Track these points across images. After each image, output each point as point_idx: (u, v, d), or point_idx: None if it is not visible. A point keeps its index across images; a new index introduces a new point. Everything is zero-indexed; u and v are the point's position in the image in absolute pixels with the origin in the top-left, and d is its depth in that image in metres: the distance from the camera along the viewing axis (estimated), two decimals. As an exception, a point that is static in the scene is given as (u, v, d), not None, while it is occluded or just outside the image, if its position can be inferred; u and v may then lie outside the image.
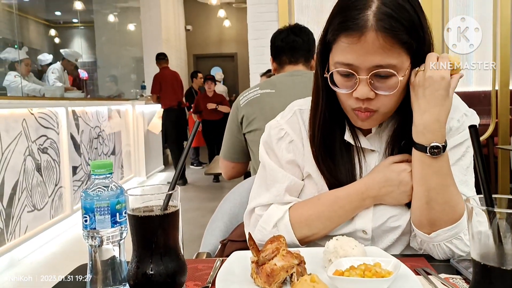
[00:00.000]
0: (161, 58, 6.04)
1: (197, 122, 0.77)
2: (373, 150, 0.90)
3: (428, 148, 0.79)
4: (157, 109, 6.33)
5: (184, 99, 6.36)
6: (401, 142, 0.87)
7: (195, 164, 7.24)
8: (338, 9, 0.80)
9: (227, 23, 10.42)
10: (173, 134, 5.98)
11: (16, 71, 4.77)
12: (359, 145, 0.90)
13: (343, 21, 0.77)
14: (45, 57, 4.45)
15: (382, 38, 0.74)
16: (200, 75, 7.09)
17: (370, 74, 0.77)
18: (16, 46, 5.33)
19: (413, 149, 0.82)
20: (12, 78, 4.65)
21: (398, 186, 0.85)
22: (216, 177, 5.73)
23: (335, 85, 0.82)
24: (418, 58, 0.79)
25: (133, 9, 8.19)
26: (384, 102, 0.81)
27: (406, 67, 0.78)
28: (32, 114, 3.37)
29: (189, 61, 10.58)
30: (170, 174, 6.71)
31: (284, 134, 0.95)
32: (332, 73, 0.82)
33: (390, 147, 0.89)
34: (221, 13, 10.06)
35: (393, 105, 0.83)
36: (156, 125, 6.07)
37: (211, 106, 6.20)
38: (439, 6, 3.51)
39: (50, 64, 4.74)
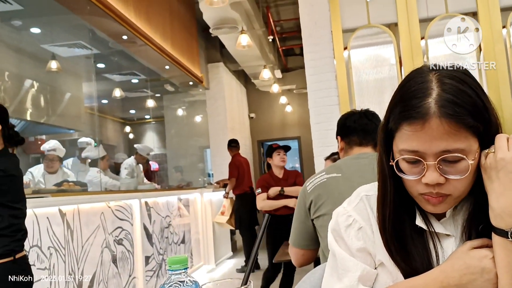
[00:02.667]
0: (234, 145, 6.26)
1: (267, 215, 0.79)
2: (448, 235, 0.86)
3: (509, 233, 0.75)
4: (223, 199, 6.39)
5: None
6: (479, 226, 0.83)
7: None
8: (398, 98, 0.82)
9: (289, 108, 10.75)
10: (246, 220, 5.98)
11: (97, 167, 5.15)
12: (433, 230, 0.87)
13: (405, 110, 0.78)
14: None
15: (447, 124, 0.74)
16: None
17: (438, 160, 0.76)
18: (95, 144, 5.80)
19: (493, 234, 0.78)
20: (95, 174, 5.01)
21: (481, 273, 0.79)
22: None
23: (402, 172, 0.82)
24: (486, 140, 0.78)
25: (200, 102, 8.72)
26: (456, 186, 0.79)
27: (475, 150, 0.77)
28: (109, 207, 3.56)
29: (253, 147, 10.89)
30: (238, 261, 6.64)
31: (352, 221, 0.94)
32: (397, 161, 0.82)
33: (467, 232, 0.85)
34: (283, 99, 10.44)
35: (465, 188, 0.80)
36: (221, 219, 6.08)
37: (273, 190, 4.09)
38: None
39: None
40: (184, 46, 6.87)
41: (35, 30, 5.86)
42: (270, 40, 8.38)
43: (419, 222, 0.86)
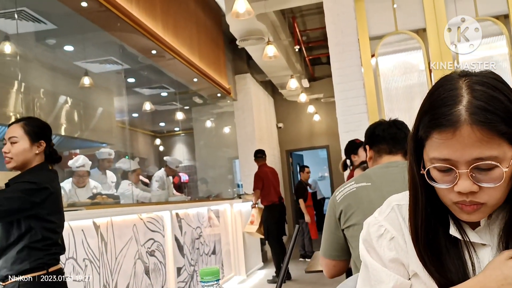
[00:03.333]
0: (260, 156, 6.28)
1: (297, 226, 0.79)
2: (484, 245, 0.84)
3: (547, 242, 0.73)
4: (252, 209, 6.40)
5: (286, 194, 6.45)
6: (516, 235, 0.81)
7: (306, 259, 7.10)
8: (427, 106, 0.81)
9: (316, 117, 10.71)
10: (275, 230, 5.98)
11: (128, 180, 5.25)
12: (468, 240, 0.85)
13: (434, 118, 0.77)
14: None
15: (479, 131, 0.72)
16: (307, 169, 7.33)
17: (470, 168, 0.74)
18: (127, 157, 5.93)
19: (531, 243, 0.76)
20: (126, 186, 5.11)
21: (519, 284, 0.77)
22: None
23: (433, 180, 0.81)
24: None
25: (228, 114, 8.80)
26: (490, 194, 0.77)
27: (509, 157, 0.75)
28: (141, 219, 3.62)
29: (282, 156, 10.87)
30: (269, 272, 6.61)
31: (384, 231, 0.93)
32: (428, 169, 0.81)
33: (504, 241, 0.82)
34: (310, 108, 10.42)
35: (500, 197, 0.78)
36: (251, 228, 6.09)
37: None
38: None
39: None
40: (212, 59, 6.96)
41: (68, 48, 6.06)
42: (297, 49, 8.40)
43: (453, 231, 0.84)
